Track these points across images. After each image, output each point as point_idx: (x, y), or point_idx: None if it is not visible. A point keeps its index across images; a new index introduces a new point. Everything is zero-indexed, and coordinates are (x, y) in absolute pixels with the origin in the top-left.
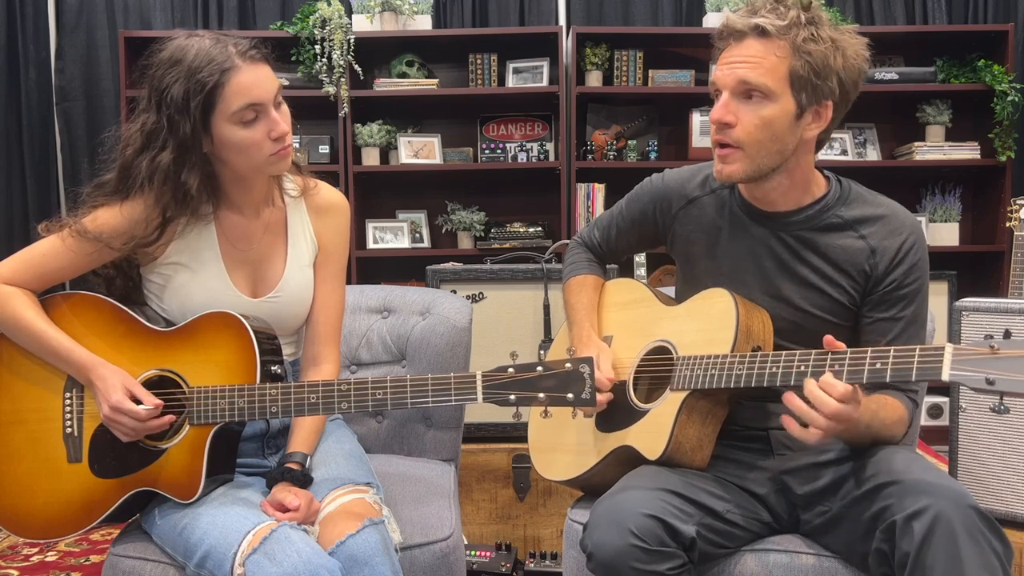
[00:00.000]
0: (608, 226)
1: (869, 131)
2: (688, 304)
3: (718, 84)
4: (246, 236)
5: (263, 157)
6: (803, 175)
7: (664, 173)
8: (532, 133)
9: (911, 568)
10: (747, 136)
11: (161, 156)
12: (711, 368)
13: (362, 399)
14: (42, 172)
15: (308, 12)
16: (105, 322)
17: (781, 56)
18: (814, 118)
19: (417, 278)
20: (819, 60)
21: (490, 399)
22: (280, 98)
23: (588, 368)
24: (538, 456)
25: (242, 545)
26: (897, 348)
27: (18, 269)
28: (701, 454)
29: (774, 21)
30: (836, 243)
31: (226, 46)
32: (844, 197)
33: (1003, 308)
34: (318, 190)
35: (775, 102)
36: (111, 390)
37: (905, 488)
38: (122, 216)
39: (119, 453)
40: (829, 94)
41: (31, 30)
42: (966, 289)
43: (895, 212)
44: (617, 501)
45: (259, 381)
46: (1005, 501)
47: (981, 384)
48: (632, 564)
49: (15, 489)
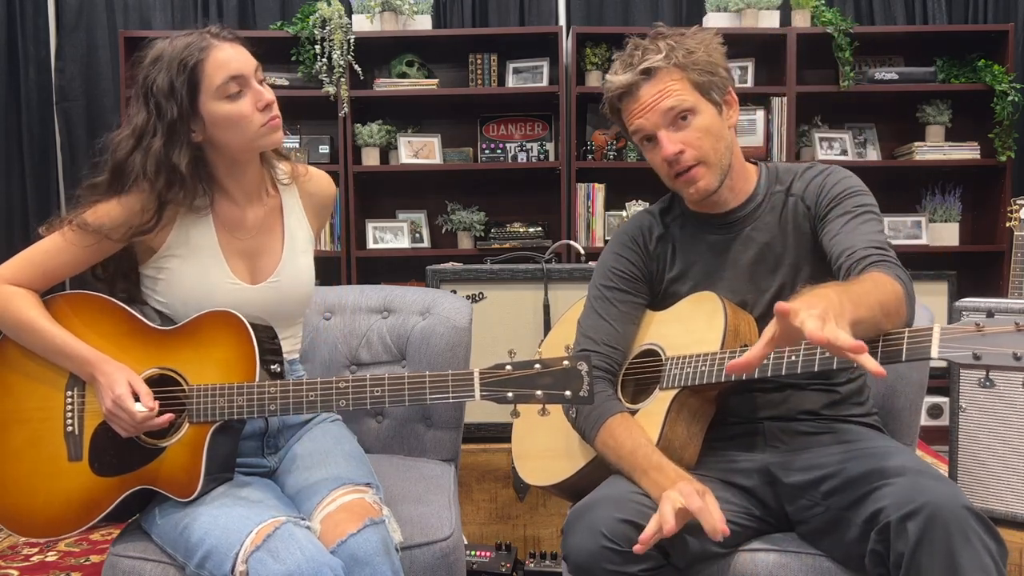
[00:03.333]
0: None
1: (869, 131)
2: (675, 308)
3: (646, 130)
4: (243, 225)
5: (254, 129)
6: (740, 165)
7: (617, 230)
8: (532, 133)
9: (906, 569)
10: (699, 150)
11: (152, 143)
12: (700, 365)
13: (360, 397)
14: (42, 172)
15: (308, 12)
16: (107, 321)
17: (678, 78)
18: (728, 108)
19: (417, 278)
20: (704, 62)
21: (488, 396)
22: (262, 76)
23: (586, 365)
24: (523, 463)
25: (245, 543)
26: (886, 333)
27: (20, 268)
28: (690, 451)
29: (655, 59)
30: (785, 213)
31: (200, 33)
32: (774, 175)
33: (1003, 308)
34: (309, 176)
35: (701, 112)
36: (115, 384)
37: (899, 488)
38: (120, 207)
39: (119, 451)
40: (725, 83)
41: (31, 30)
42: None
43: (814, 166)
44: (592, 506)
45: (258, 379)
46: (1005, 501)
47: (968, 360)
48: (604, 566)
49: (16, 488)
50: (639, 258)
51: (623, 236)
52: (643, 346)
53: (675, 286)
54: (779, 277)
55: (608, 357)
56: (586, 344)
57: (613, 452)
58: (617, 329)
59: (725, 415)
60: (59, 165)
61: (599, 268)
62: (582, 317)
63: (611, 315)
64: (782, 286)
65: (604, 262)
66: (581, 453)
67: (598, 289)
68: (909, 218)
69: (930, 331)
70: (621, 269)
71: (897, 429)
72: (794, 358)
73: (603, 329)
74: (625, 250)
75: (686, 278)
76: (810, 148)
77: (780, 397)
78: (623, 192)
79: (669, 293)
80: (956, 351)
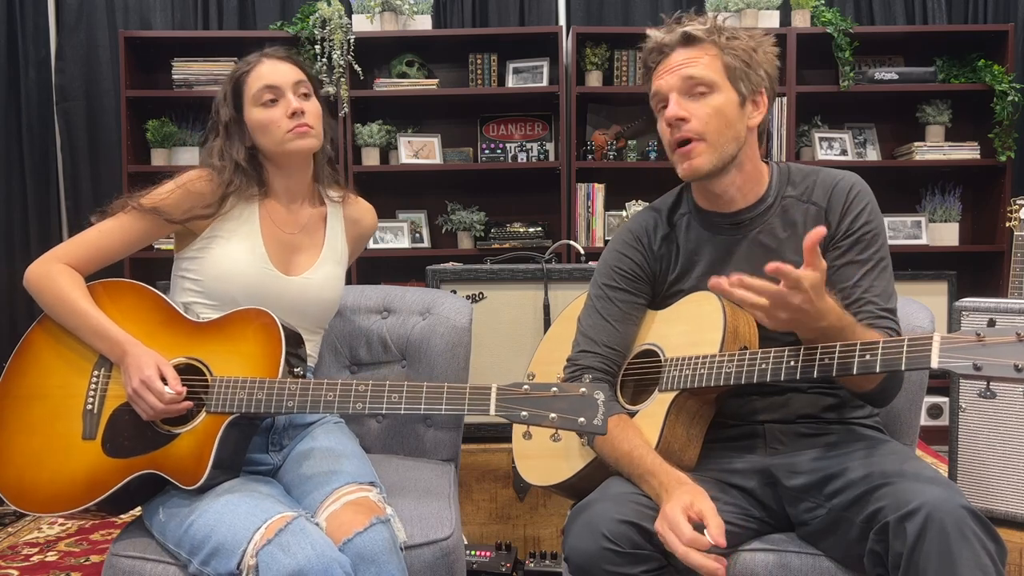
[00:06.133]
0: (599, 326)
1: (869, 131)
2: (674, 308)
3: (663, 91)
4: (287, 222)
5: (281, 134)
6: (753, 167)
7: (622, 227)
8: (532, 133)
9: (904, 568)
10: (704, 126)
11: (216, 143)
12: (700, 368)
13: (377, 402)
14: (42, 172)
15: (308, 12)
16: (143, 309)
17: (712, 54)
18: (754, 107)
19: (417, 278)
20: (745, 54)
21: (502, 413)
22: (305, 90)
23: (602, 395)
24: (524, 463)
25: (255, 537)
26: (887, 340)
27: (71, 250)
28: (689, 454)
29: (698, 27)
30: (797, 219)
31: (258, 53)
32: (787, 177)
33: (1003, 308)
34: (356, 202)
35: (720, 92)
36: (144, 366)
37: (898, 489)
38: (182, 191)
39: (133, 434)
40: (761, 82)
41: (31, 30)
42: (966, 289)
43: (834, 173)
44: (592, 506)
45: (280, 376)
46: (1005, 501)
47: (969, 370)
48: (605, 567)
49: (23, 461)
50: (642, 257)
51: (627, 234)
52: (642, 346)
53: (677, 285)
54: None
55: (607, 359)
56: (586, 344)
57: (610, 454)
58: (617, 330)
59: (725, 417)
60: (59, 165)
61: (601, 266)
62: (583, 315)
63: (612, 315)
64: None
65: (607, 260)
66: (582, 454)
67: (600, 288)
68: (909, 218)
69: (930, 340)
70: (624, 268)
71: (897, 429)
72: (793, 363)
73: (604, 330)
74: (628, 249)
75: (688, 277)
76: (810, 148)
77: (781, 400)
78: (623, 192)
79: (671, 292)
80: (956, 361)
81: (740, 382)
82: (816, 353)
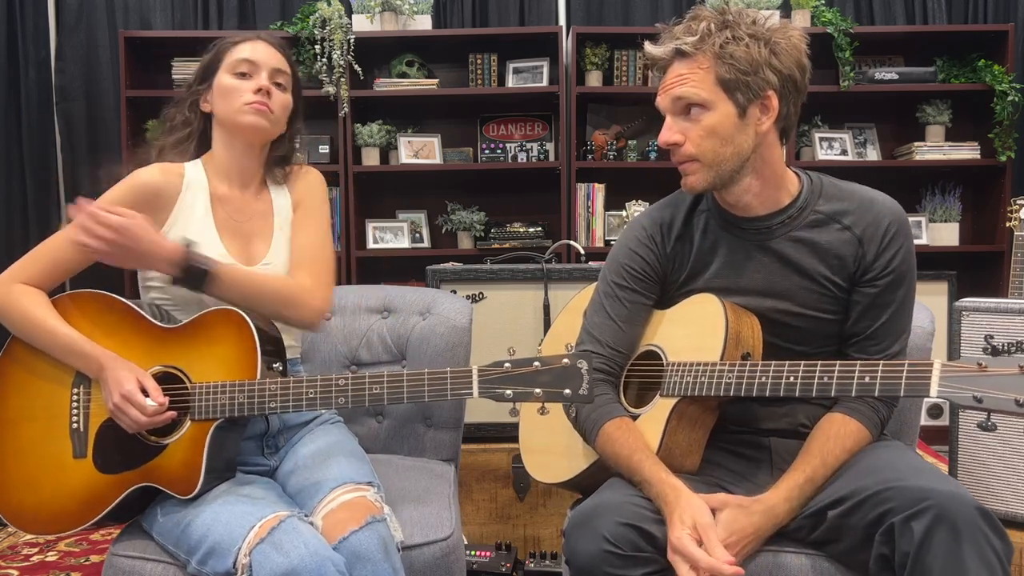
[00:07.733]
0: (605, 325)
1: (869, 131)
2: (677, 309)
3: (660, 109)
4: (238, 209)
5: (239, 103)
6: (773, 172)
7: (637, 219)
8: (532, 133)
9: (911, 568)
10: (697, 148)
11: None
12: (701, 376)
13: (359, 394)
14: (42, 172)
15: (308, 12)
16: (112, 319)
17: (705, 67)
18: (762, 111)
19: (417, 278)
20: (742, 58)
21: (486, 394)
22: (281, 80)
23: (586, 364)
24: (530, 458)
25: (248, 536)
26: (886, 363)
27: (26, 267)
28: (691, 459)
29: (687, 40)
30: (821, 239)
31: (254, 33)
32: (819, 191)
33: (1003, 308)
34: (293, 170)
35: (713, 109)
36: (124, 380)
37: (903, 491)
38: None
39: (122, 448)
40: (767, 85)
41: (31, 30)
42: (966, 289)
43: (874, 198)
44: (593, 508)
45: (260, 377)
46: (1005, 501)
47: (969, 402)
48: (606, 570)
49: (23, 484)
50: (655, 257)
51: (640, 231)
52: (646, 347)
53: (688, 285)
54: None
55: (611, 360)
56: (591, 345)
57: (611, 456)
58: (623, 330)
59: (728, 422)
60: (59, 165)
61: (612, 262)
62: (590, 311)
63: (619, 315)
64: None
65: (618, 256)
66: (586, 452)
67: (609, 286)
68: (909, 218)
69: (930, 367)
70: (635, 268)
71: (897, 429)
72: (792, 379)
73: (609, 330)
74: (641, 247)
75: (700, 278)
76: (810, 148)
77: (784, 410)
78: (623, 192)
79: (680, 293)
80: (957, 392)
81: (740, 394)
82: (815, 371)
